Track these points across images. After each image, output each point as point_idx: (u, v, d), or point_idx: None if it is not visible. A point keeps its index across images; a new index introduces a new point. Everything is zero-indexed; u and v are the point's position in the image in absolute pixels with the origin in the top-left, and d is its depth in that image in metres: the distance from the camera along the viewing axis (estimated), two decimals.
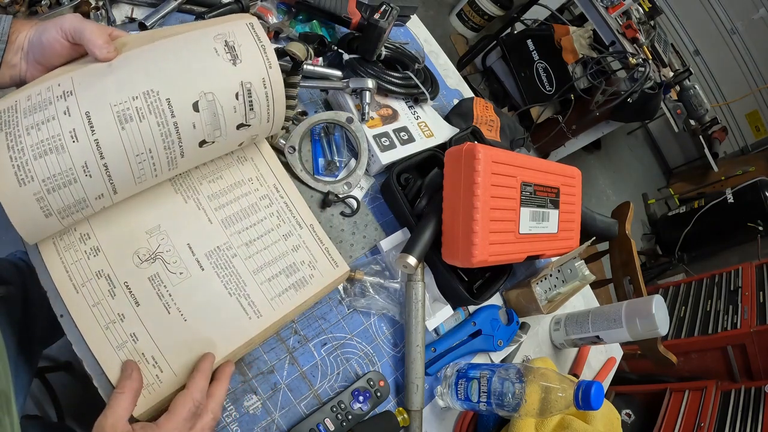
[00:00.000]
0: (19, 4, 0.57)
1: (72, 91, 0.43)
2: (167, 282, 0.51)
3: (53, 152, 0.41)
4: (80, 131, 0.42)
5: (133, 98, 0.44)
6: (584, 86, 1.98)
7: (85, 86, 0.44)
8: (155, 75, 0.46)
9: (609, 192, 3.09)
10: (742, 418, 1.41)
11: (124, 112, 0.44)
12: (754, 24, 2.97)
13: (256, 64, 0.51)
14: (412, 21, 0.96)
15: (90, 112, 0.43)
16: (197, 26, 0.52)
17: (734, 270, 2.01)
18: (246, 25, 0.51)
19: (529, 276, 0.79)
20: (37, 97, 0.43)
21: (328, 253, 0.61)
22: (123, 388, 0.43)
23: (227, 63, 0.49)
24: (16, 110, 0.42)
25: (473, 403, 0.61)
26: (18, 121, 0.41)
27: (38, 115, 0.42)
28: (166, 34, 0.49)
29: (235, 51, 0.50)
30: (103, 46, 0.45)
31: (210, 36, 0.49)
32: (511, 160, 0.64)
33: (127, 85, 0.45)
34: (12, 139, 0.40)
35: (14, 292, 0.66)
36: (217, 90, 0.48)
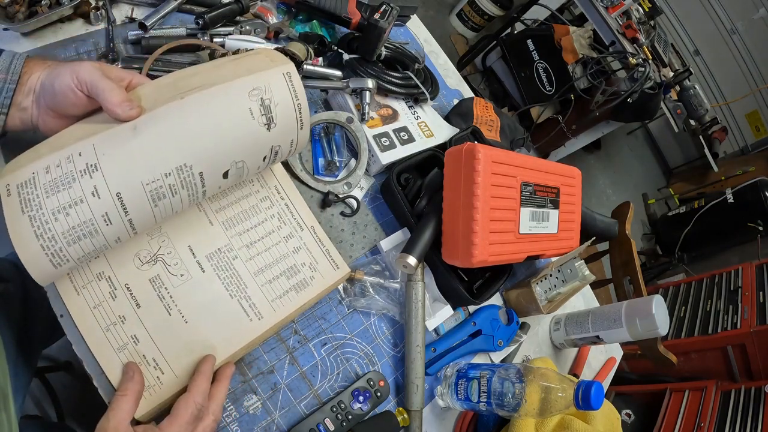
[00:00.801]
0: (19, 4, 0.57)
1: (97, 165, 0.39)
2: (168, 284, 0.51)
3: (87, 237, 0.40)
4: (113, 214, 0.41)
5: (165, 175, 0.42)
6: (584, 86, 1.98)
7: (111, 158, 0.40)
8: (187, 147, 0.43)
9: (609, 192, 3.09)
10: (742, 418, 1.41)
11: (157, 190, 0.42)
12: (754, 24, 2.97)
13: (289, 126, 0.49)
14: (412, 21, 0.96)
15: (121, 194, 0.40)
16: (229, 70, 0.47)
17: (734, 270, 2.01)
18: (283, 76, 0.48)
19: (529, 276, 0.79)
20: (57, 170, 0.39)
21: (329, 254, 0.61)
22: (125, 391, 0.43)
23: (262, 128, 0.47)
24: (35, 186, 0.38)
25: (473, 403, 0.61)
26: (41, 202, 0.38)
27: (63, 195, 0.38)
28: (194, 85, 0.45)
29: (270, 113, 0.47)
30: (122, 105, 0.41)
31: (245, 92, 0.45)
32: (511, 160, 0.64)
33: (158, 160, 0.42)
34: (39, 225, 0.38)
35: (13, 291, 0.66)
36: (248, 158, 0.48)
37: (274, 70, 0.48)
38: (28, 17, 0.57)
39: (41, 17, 0.58)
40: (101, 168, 0.40)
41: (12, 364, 0.58)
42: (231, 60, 0.50)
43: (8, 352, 0.57)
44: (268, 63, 0.49)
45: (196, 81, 0.45)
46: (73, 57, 0.60)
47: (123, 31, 0.64)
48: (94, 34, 0.62)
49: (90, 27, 0.63)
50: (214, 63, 0.50)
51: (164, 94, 0.44)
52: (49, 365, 1.10)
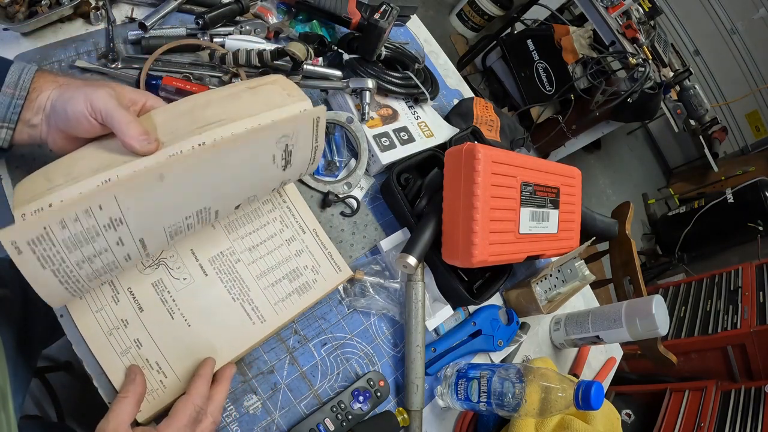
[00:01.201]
0: (19, 4, 0.57)
1: (122, 219, 0.39)
2: (171, 288, 0.51)
3: (107, 272, 0.42)
4: (133, 254, 0.42)
5: (185, 218, 0.44)
6: (584, 86, 1.98)
7: (136, 213, 0.39)
8: (210, 194, 0.44)
9: (609, 192, 3.09)
10: (742, 418, 1.41)
11: (176, 229, 0.44)
12: (754, 24, 2.97)
13: (301, 166, 0.51)
14: (412, 21, 0.96)
15: (144, 239, 0.42)
16: (244, 106, 0.45)
17: (734, 270, 2.01)
18: (312, 121, 0.48)
19: (529, 276, 0.79)
20: (75, 225, 0.36)
21: (331, 257, 0.61)
22: (126, 393, 0.43)
23: (279, 170, 0.48)
24: (52, 243, 0.36)
25: (473, 403, 0.61)
26: (63, 257, 0.37)
27: (87, 249, 0.38)
28: (211, 118, 0.43)
29: (290, 156, 0.48)
30: (140, 140, 0.40)
31: (274, 140, 0.45)
32: (511, 160, 0.64)
33: (182, 208, 0.43)
34: (64, 275, 0.38)
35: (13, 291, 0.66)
36: (260, 193, 0.51)
37: (305, 117, 0.47)
38: (28, 17, 0.57)
39: (41, 17, 0.58)
40: (126, 222, 0.39)
41: (12, 364, 0.58)
42: (248, 89, 0.49)
43: (8, 352, 0.57)
44: (285, 98, 0.48)
45: (212, 113, 0.44)
46: (73, 57, 0.60)
47: (123, 31, 0.64)
48: (94, 34, 0.62)
49: (90, 27, 0.63)
50: (230, 92, 0.48)
51: (182, 125, 0.43)
52: (49, 365, 1.10)
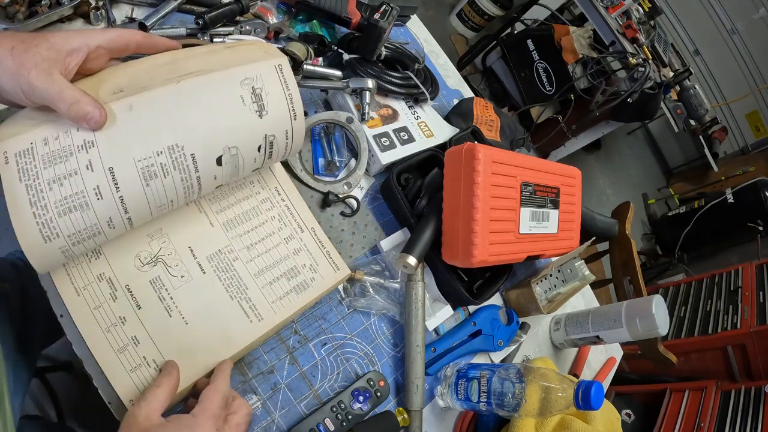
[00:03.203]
0: (19, 4, 0.57)
1: (93, 142, 0.40)
2: (168, 285, 0.51)
3: (78, 210, 0.40)
4: (104, 188, 0.41)
5: (157, 153, 0.43)
6: (584, 86, 1.98)
7: (106, 136, 0.41)
8: (180, 128, 0.44)
9: (609, 192, 3.10)
10: (742, 418, 1.41)
11: (149, 168, 0.42)
12: (754, 24, 2.97)
13: (281, 115, 0.50)
14: (412, 21, 0.96)
15: (114, 168, 0.41)
16: (223, 58, 0.48)
17: (734, 270, 2.01)
18: (275, 68, 0.49)
19: (529, 276, 0.79)
20: (55, 143, 0.40)
21: (330, 256, 0.61)
22: (161, 383, 0.44)
23: (254, 115, 0.48)
24: (33, 156, 0.39)
25: (473, 403, 0.61)
26: (38, 172, 0.39)
27: (59, 167, 0.39)
28: (190, 69, 0.46)
29: (262, 101, 0.48)
30: (87, 114, 0.39)
31: (237, 81, 0.47)
32: (511, 160, 0.64)
33: (151, 139, 0.42)
34: (34, 193, 0.39)
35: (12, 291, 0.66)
36: (241, 145, 0.48)
37: (267, 62, 0.49)
38: (28, 17, 0.57)
39: (41, 17, 0.58)
40: (97, 144, 0.41)
41: (11, 364, 0.58)
42: (226, 47, 0.51)
43: (7, 351, 0.57)
44: (262, 55, 0.50)
45: (192, 65, 0.46)
46: None
47: None
48: None
49: (90, 27, 0.63)
50: (210, 48, 0.51)
51: (161, 74, 0.45)
52: (49, 365, 1.10)
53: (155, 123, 0.43)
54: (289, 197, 0.62)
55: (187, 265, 0.52)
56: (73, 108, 0.39)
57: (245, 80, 0.47)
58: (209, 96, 0.45)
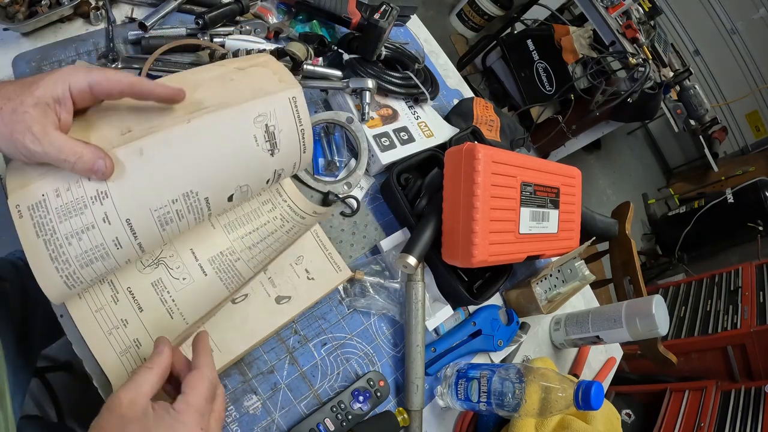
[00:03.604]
0: (19, 4, 0.57)
1: (107, 192, 0.40)
2: (170, 287, 0.51)
3: (99, 260, 0.41)
4: (123, 239, 0.41)
5: (172, 201, 0.43)
6: (584, 86, 1.98)
7: (120, 186, 0.40)
8: (194, 173, 0.43)
9: (609, 192, 3.10)
10: (742, 418, 1.41)
11: (165, 215, 0.43)
12: (754, 24, 2.97)
13: (292, 152, 0.50)
14: (412, 21, 0.96)
15: (131, 220, 0.41)
16: (235, 89, 0.46)
17: (734, 270, 2.01)
18: (289, 101, 0.48)
19: (529, 276, 0.79)
20: (67, 194, 0.39)
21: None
22: (152, 364, 0.40)
23: (266, 154, 0.47)
24: (47, 210, 0.38)
25: (473, 403, 0.61)
26: (54, 226, 0.39)
27: (75, 221, 0.39)
28: (199, 102, 0.44)
29: (274, 139, 0.47)
30: (94, 167, 0.38)
31: (250, 119, 0.46)
32: (511, 160, 0.64)
33: (166, 187, 0.42)
34: (54, 248, 0.39)
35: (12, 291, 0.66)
36: (252, 182, 0.49)
37: (281, 94, 0.48)
38: (28, 17, 0.57)
39: (41, 17, 0.58)
40: (111, 195, 0.40)
41: (11, 363, 0.58)
42: (238, 69, 0.49)
43: (7, 351, 0.57)
44: (276, 84, 0.48)
45: (202, 96, 0.45)
46: (73, 57, 0.60)
47: (123, 31, 0.64)
48: (94, 34, 0.62)
49: (90, 27, 0.63)
50: (220, 70, 0.48)
51: (168, 110, 0.44)
52: (49, 365, 1.10)
53: (168, 169, 0.42)
54: (291, 198, 0.62)
55: (188, 268, 0.52)
56: (78, 164, 0.38)
57: (259, 117, 0.46)
58: (222, 137, 0.44)
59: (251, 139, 0.46)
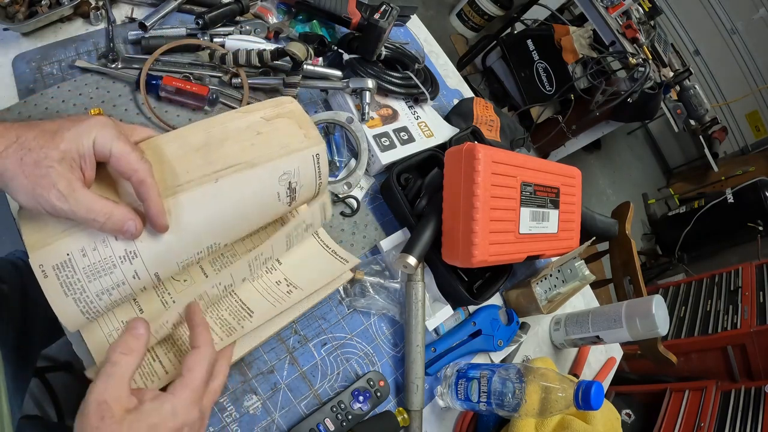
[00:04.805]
0: (19, 4, 0.57)
1: (136, 252, 0.40)
2: (171, 289, 0.51)
3: (125, 300, 0.43)
4: (148, 284, 0.42)
5: (197, 253, 0.44)
6: (584, 86, 1.98)
7: (149, 247, 0.40)
8: (219, 229, 0.44)
9: (609, 192, 3.10)
10: (742, 418, 1.41)
11: (188, 263, 0.44)
12: (754, 24, 2.97)
13: (307, 199, 0.52)
14: (412, 21, 0.96)
15: (159, 274, 0.42)
16: (263, 145, 0.46)
17: (734, 270, 2.01)
18: (312, 158, 0.49)
19: (529, 276, 0.79)
20: (94, 254, 0.38)
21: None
22: (128, 350, 0.36)
23: (285, 206, 0.49)
24: (74, 270, 0.38)
25: (473, 403, 0.61)
26: (83, 286, 0.38)
27: (105, 280, 0.39)
28: (227, 160, 0.44)
29: (295, 193, 0.48)
30: (124, 227, 0.37)
31: (276, 177, 0.46)
32: (511, 160, 0.64)
33: (192, 244, 0.43)
34: (84, 305, 0.39)
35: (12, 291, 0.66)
36: (265, 224, 0.51)
37: (306, 152, 0.48)
38: (28, 17, 0.57)
39: (41, 17, 0.58)
40: (140, 255, 0.40)
41: (11, 363, 0.58)
42: (264, 122, 0.49)
43: (7, 351, 0.57)
44: (302, 140, 0.48)
45: (229, 152, 0.44)
46: (73, 57, 0.60)
47: (123, 31, 0.64)
48: (94, 34, 0.62)
49: (90, 27, 0.63)
50: (248, 125, 0.48)
51: (196, 165, 0.43)
52: (49, 365, 1.10)
53: (196, 229, 0.43)
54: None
55: (189, 270, 0.52)
56: (108, 224, 0.36)
57: (283, 176, 0.47)
58: (248, 195, 0.45)
59: (275, 196, 0.47)
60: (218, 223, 0.44)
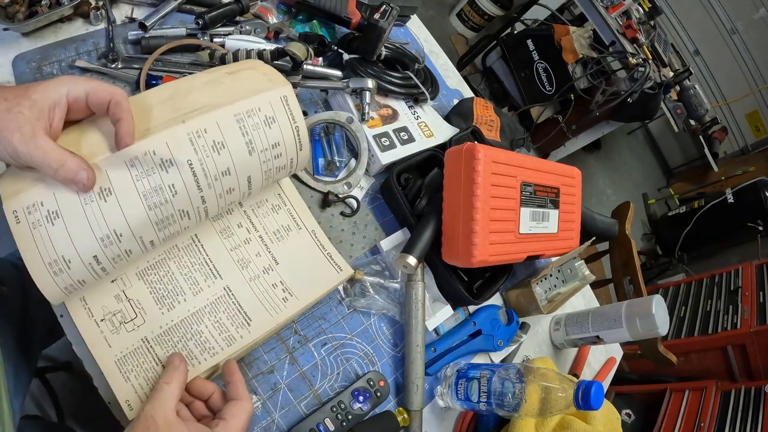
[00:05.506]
0: (19, 4, 0.57)
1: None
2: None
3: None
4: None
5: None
6: (584, 86, 1.98)
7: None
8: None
9: (609, 192, 3.10)
10: (742, 418, 1.41)
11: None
12: (754, 24, 2.97)
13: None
14: (412, 21, 0.96)
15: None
16: (226, 90, 0.47)
17: (734, 270, 2.01)
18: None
19: (529, 276, 0.79)
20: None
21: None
22: (170, 379, 0.43)
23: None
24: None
25: (473, 403, 0.61)
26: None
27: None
28: (192, 106, 0.44)
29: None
30: (76, 177, 0.38)
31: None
32: (511, 160, 0.64)
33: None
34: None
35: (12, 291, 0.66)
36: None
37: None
38: (28, 17, 0.57)
39: (41, 17, 0.58)
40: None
41: (12, 363, 0.58)
42: (228, 74, 0.49)
43: (8, 352, 0.57)
44: (266, 83, 0.48)
45: (194, 100, 0.45)
46: (73, 57, 0.60)
47: (123, 31, 0.64)
48: (94, 34, 0.62)
49: (90, 27, 0.63)
50: (210, 76, 0.49)
51: (165, 112, 0.44)
52: (49, 365, 1.10)
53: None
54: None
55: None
56: (60, 172, 0.37)
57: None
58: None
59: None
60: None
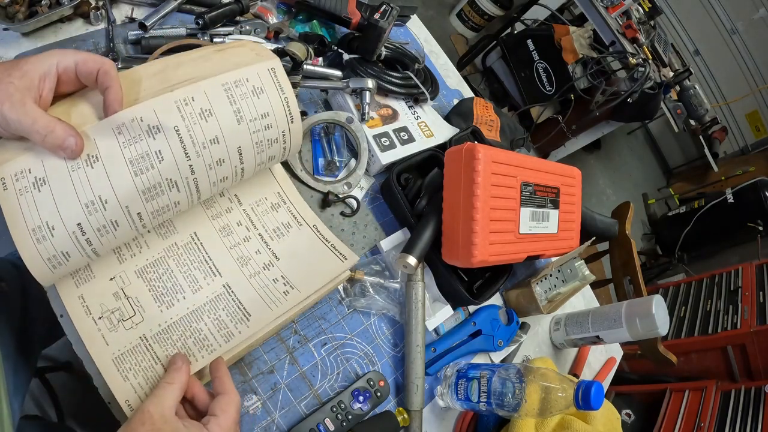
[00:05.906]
0: (19, 4, 0.57)
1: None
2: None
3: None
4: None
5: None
6: (584, 86, 1.98)
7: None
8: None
9: (609, 192, 3.10)
10: (742, 418, 1.41)
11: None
12: (754, 24, 2.97)
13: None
14: (412, 21, 0.96)
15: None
16: (215, 64, 0.47)
17: (734, 270, 2.01)
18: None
19: (529, 276, 0.79)
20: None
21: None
22: (172, 380, 0.43)
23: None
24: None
25: (473, 403, 0.61)
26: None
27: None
28: (182, 78, 0.45)
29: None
30: (64, 143, 0.38)
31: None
32: (511, 160, 0.64)
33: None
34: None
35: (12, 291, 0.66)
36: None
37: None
38: (28, 17, 0.57)
39: (41, 17, 0.58)
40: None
41: (11, 364, 0.58)
42: (217, 50, 0.50)
43: (7, 352, 0.57)
44: (254, 57, 0.49)
45: (183, 73, 0.46)
46: None
47: (123, 31, 0.64)
48: (94, 34, 0.62)
49: (90, 27, 0.63)
50: (200, 52, 0.49)
51: (154, 84, 0.44)
52: (49, 365, 1.10)
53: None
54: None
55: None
56: (48, 138, 0.38)
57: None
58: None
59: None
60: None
